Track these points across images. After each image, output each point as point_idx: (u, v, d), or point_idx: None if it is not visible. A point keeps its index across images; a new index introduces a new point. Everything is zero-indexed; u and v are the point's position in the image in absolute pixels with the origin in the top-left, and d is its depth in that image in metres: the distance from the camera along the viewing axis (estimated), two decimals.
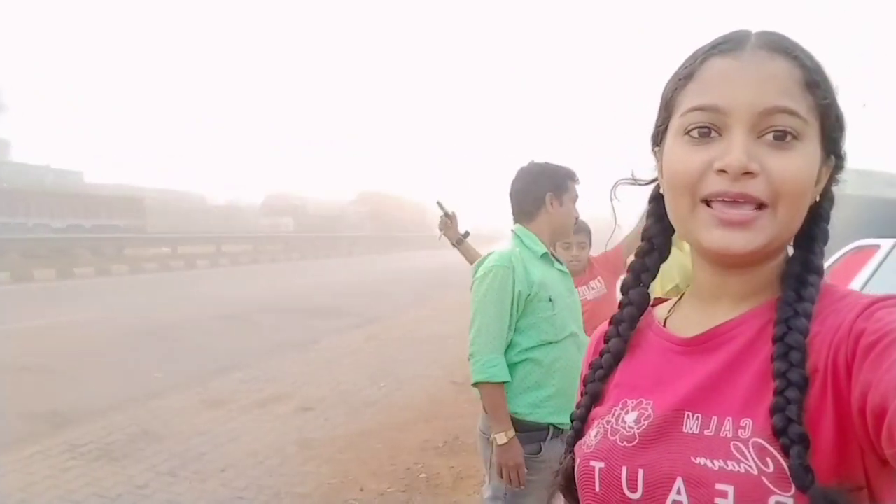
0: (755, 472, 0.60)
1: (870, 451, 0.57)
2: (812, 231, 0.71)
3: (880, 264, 1.41)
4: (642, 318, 0.82)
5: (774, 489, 0.58)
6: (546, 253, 2.28)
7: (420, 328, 10.01)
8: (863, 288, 1.40)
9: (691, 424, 0.67)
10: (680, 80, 0.70)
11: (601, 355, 0.83)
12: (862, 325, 0.59)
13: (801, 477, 0.57)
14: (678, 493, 0.64)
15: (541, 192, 2.28)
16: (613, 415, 0.75)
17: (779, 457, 0.59)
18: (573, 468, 0.78)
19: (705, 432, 0.65)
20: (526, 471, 2.09)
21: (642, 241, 0.84)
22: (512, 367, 2.15)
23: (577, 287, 3.05)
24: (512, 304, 2.13)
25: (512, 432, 2.07)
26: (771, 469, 0.59)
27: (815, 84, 0.64)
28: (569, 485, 0.80)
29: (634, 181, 0.87)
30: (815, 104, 0.64)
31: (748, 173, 0.62)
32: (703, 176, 0.64)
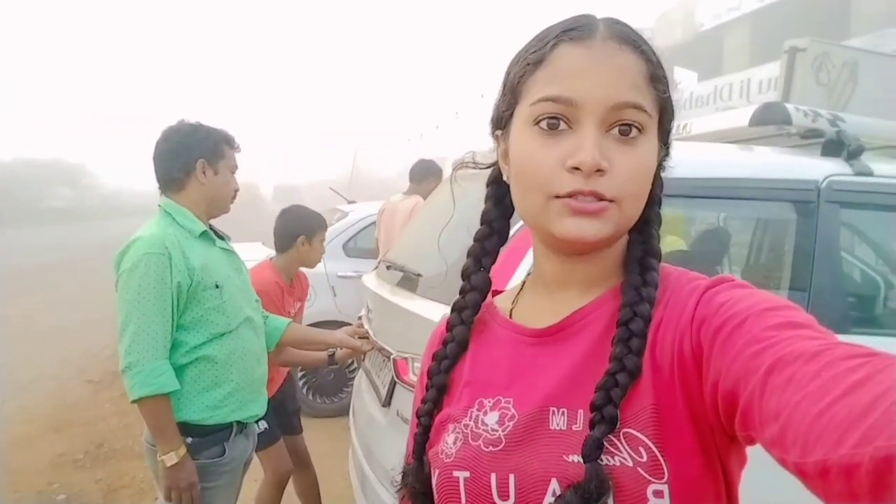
0: (630, 464, 0.60)
1: (719, 430, 0.60)
2: (647, 215, 0.72)
3: None
4: (482, 309, 0.80)
5: (650, 478, 0.59)
6: (205, 231, 1.96)
7: (37, 320, 8.36)
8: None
9: (558, 420, 0.65)
10: (528, 65, 0.66)
11: (445, 345, 0.78)
12: (703, 312, 0.61)
13: (592, 451, 0.59)
14: (553, 495, 0.62)
15: (191, 159, 1.94)
16: (471, 417, 0.71)
17: (651, 444, 0.60)
18: (427, 474, 0.73)
19: (573, 427, 0.64)
20: (208, 478, 1.88)
21: (481, 224, 0.82)
22: (180, 370, 1.85)
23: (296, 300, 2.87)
24: (172, 299, 1.81)
25: (183, 450, 1.80)
26: (645, 458, 0.60)
27: (658, 78, 0.65)
28: (423, 492, 0.74)
29: (475, 165, 0.83)
30: (657, 98, 0.65)
31: (599, 171, 0.62)
32: (554, 174, 0.63)
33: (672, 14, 17.71)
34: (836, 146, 2.03)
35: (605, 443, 0.60)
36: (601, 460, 0.59)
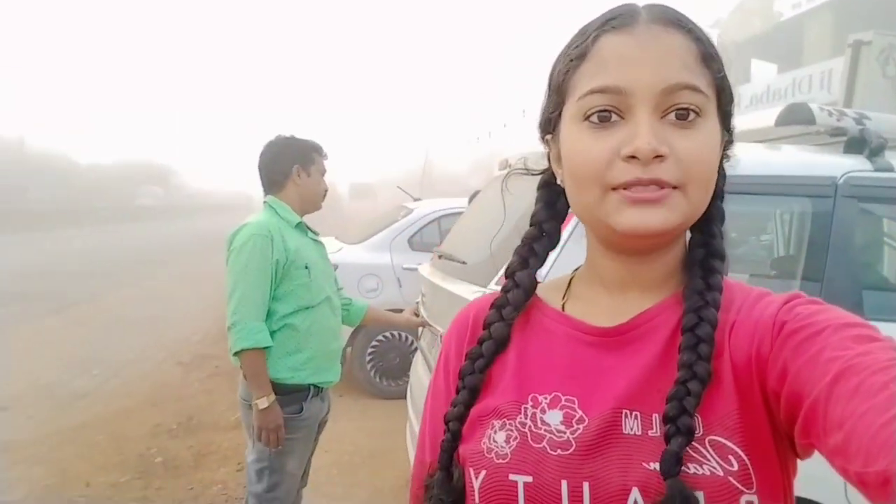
0: (721, 473, 0.56)
1: (786, 435, 0.59)
2: (709, 211, 0.67)
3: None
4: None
5: (742, 488, 0.56)
6: (300, 222, 2.37)
7: (133, 309, 9.16)
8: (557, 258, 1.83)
9: (631, 424, 0.61)
10: (571, 60, 0.64)
11: (480, 343, 0.73)
12: (784, 318, 0.59)
13: (671, 466, 0.56)
14: None
15: (288, 164, 2.35)
16: (526, 414, 0.66)
17: (740, 452, 0.57)
18: (456, 482, 0.68)
19: (649, 433, 0.60)
20: (288, 431, 2.22)
21: (531, 225, 0.79)
22: (271, 334, 2.21)
23: None
24: (272, 272, 2.20)
25: (273, 396, 2.16)
26: (735, 467, 0.57)
27: (711, 57, 0.62)
28: (454, 501, 0.69)
29: (527, 171, 0.84)
30: (713, 78, 0.62)
31: (658, 157, 0.58)
32: (610, 164, 0.60)
33: (749, 4, 17.19)
34: (858, 143, 2.14)
35: (690, 451, 0.57)
36: (688, 469, 0.56)
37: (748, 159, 2.19)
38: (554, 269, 0.94)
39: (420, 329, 2.92)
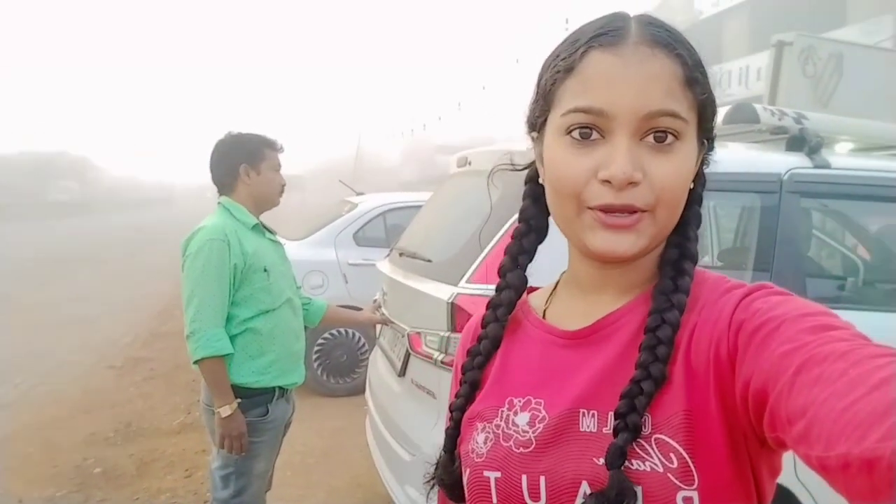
0: (661, 470, 0.59)
1: (751, 435, 0.59)
2: (686, 215, 0.70)
3: None
4: (517, 307, 0.80)
5: (680, 485, 0.59)
6: (257, 224, 2.31)
7: (55, 312, 8.67)
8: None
9: (588, 422, 0.65)
10: (559, 72, 0.66)
11: (479, 341, 0.80)
12: (740, 317, 0.60)
13: (615, 458, 0.59)
14: (584, 497, 0.62)
15: (234, 165, 2.27)
16: (501, 417, 0.72)
17: (682, 451, 0.60)
18: (456, 468, 0.76)
19: (604, 430, 0.64)
20: (254, 434, 2.18)
21: (519, 222, 0.81)
22: (231, 339, 2.16)
23: None
24: (229, 278, 2.14)
25: (235, 404, 2.12)
26: (675, 465, 0.59)
27: (695, 81, 0.63)
28: (451, 484, 0.77)
29: (512, 167, 0.85)
30: (695, 101, 0.64)
31: (632, 183, 0.61)
32: (587, 184, 0.63)
33: (671, 2, 17.85)
34: (798, 142, 2.27)
35: (635, 448, 0.60)
36: (631, 465, 0.60)
37: None
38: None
39: (379, 327, 2.91)
